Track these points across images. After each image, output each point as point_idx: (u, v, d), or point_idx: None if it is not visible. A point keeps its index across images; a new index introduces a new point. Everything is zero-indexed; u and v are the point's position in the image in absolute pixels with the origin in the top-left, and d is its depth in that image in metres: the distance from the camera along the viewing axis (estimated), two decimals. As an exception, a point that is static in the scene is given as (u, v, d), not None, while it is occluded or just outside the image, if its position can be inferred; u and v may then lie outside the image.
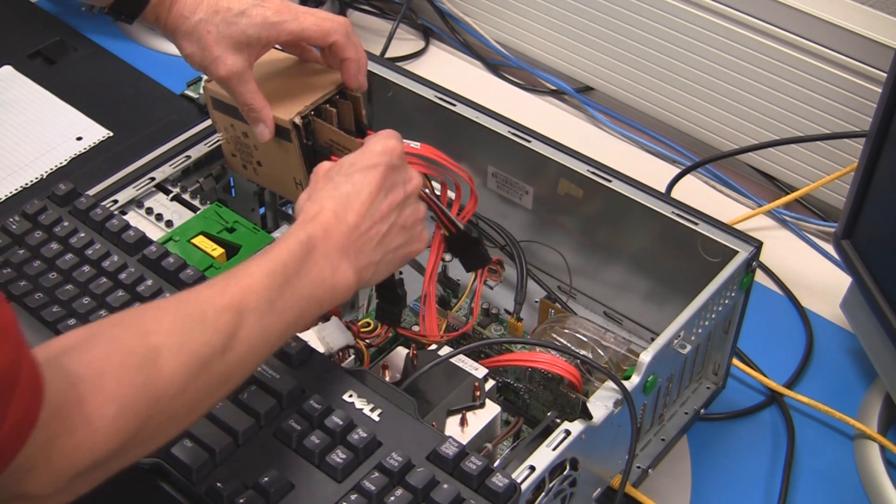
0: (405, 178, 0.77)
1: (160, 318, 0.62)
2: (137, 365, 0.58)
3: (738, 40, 1.18)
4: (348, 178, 0.75)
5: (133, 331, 0.61)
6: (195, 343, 0.62)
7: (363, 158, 0.76)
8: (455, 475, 0.72)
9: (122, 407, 0.57)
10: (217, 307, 0.64)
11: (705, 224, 0.90)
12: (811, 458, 0.99)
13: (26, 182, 1.23)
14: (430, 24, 1.53)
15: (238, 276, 0.67)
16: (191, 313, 0.63)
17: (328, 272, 0.71)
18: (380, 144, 0.77)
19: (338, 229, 0.72)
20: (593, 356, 0.91)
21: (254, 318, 0.65)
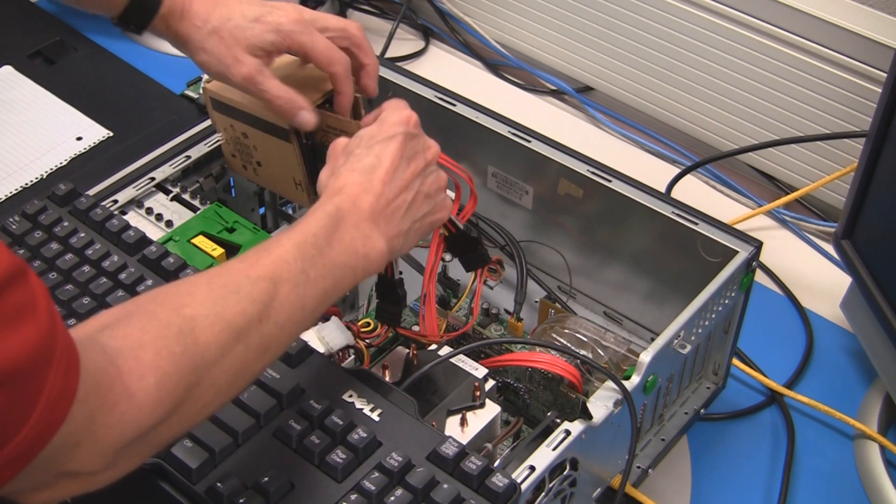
0: (424, 146, 0.78)
1: (194, 292, 0.62)
2: (174, 335, 0.59)
3: (738, 40, 1.18)
4: (369, 150, 0.75)
5: (168, 304, 0.61)
6: (231, 312, 0.62)
7: (381, 130, 0.77)
8: (455, 475, 0.72)
9: (162, 377, 0.57)
10: (251, 277, 0.64)
11: (705, 224, 0.90)
12: (811, 458, 0.99)
13: (26, 182, 1.23)
14: (430, 24, 1.53)
15: (269, 248, 0.67)
16: (225, 284, 0.63)
17: (360, 241, 0.71)
18: (395, 115, 0.78)
19: (365, 199, 0.73)
20: (593, 356, 0.91)
21: (288, 288, 0.65)
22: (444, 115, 1.01)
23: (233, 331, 0.62)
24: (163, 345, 0.58)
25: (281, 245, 0.67)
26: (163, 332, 0.59)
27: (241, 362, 0.63)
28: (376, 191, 0.73)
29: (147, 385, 0.56)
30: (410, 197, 0.76)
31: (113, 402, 0.55)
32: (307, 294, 0.67)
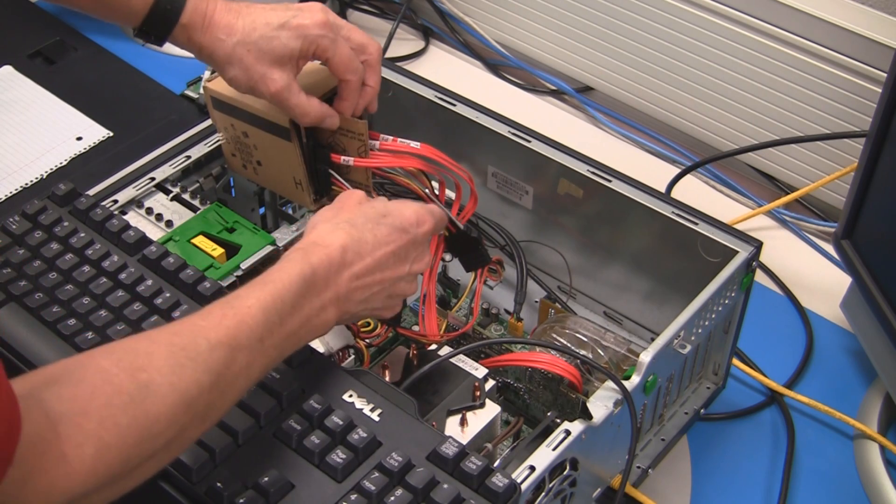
0: (417, 256, 0.78)
1: (153, 353, 0.61)
2: (124, 405, 0.58)
3: (738, 40, 1.18)
4: (375, 228, 0.76)
5: (124, 364, 0.59)
6: (185, 381, 0.61)
7: (398, 217, 0.77)
8: (455, 475, 0.72)
9: (101, 448, 0.56)
10: (211, 341, 0.63)
11: (705, 224, 0.90)
12: (811, 458, 0.99)
13: (26, 182, 1.23)
14: (430, 24, 1.53)
15: (235, 307, 0.66)
16: (184, 347, 0.62)
17: (315, 312, 0.71)
18: (420, 215, 0.78)
19: (338, 271, 0.73)
20: (593, 356, 0.91)
21: (243, 356, 0.65)
22: (444, 115, 1.01)
23: (184, 402, 0.61)
24: (108, 414, 0.57)
25: (248, 307, 0.66)
26: (112, 399, 0.57)
27: (183, 431, 0.62)
28: (353, 270, 0.74)
29: (84, 454, 0.55)
30: (376, 290, 0.76)
31: (46, 467, 0.54)
32: (256, 363, 0.67)
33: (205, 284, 0.84)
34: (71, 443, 0.55)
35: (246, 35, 0.83)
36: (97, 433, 0.56)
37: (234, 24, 0.83)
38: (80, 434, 0.55)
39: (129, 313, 0.83)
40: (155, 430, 0.59)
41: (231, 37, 0.83)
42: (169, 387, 0.60)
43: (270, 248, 0.92)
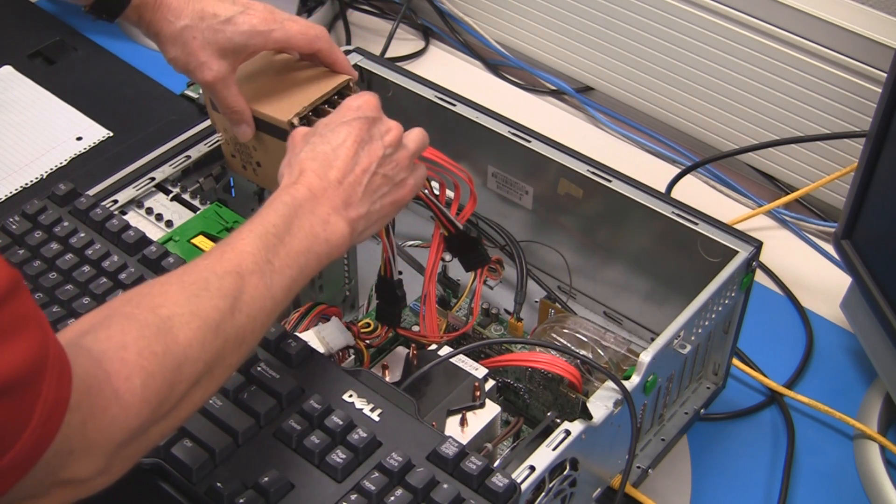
0: (383, 130, 0.78)
1: (166, 291, 0.63)
2: (154, 335, 0.59)
3: (738, 40, 1.18)
4: (324, 138, 0.76)
5: (143, 305, 0.61)
6: (204, 308, 0.63)
7: (338, 116, 0.78)
8: (455, 475, 0.72)
9: (147, 377, 0.58)
10: (217, 273, 0.65)
11: (705, 224, 0.90)
12: (811, 458, 0.99)
13: (26, 182, 1.23)
14: (430, 24, 1.53)
15: (231, 243, 0.68)
16: (194, 281, 0.64)
17: (319, 227, 0.72)
18: (355, 101, 0.78)
19: (321, 186, 0.73)
20: (593, 356, 0.91)
21: (255, 279, 0.66)
22: (444, 115, 1.01)
23: (209, 327, 0.62)
24: (144, 345, 0.58)
25: (242, 238, 0.68)
26: (143, 332, 0.59)
27: (220, 356, 0.63)
28: (330, 178, 0.74)
29: (133, 386, 0.57)
30: (366, 180, 0.75)
31: (103, 405, 0.55)
32: (274, 283, 0.67)
33: (205, 284, 0.84)
34: (119, 377, 0.56)
35: (193, 21, 0.86)
36: (139, 363, 0.58)
37: (183, 8, 0.86)
38: (125, 367, 0.57)
39: (129, 313, 0.83)
40: (191, 354, 0.61)
41: (179, 20, 0.86)
42: (190, 315, 0.62)
43: (270, 248, 0.92)
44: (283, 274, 0.68)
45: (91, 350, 0.57)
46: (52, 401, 0.51)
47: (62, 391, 0.52)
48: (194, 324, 0.61)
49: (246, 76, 0.90)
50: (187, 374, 0.60)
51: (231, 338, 0.64)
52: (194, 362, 0.61)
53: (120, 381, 0.56)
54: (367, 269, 1.04)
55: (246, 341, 0.66)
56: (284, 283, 0.68)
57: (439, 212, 0.85)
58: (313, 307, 0.90)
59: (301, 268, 0.70)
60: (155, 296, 0.63)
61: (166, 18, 0.86)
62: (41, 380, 0.51)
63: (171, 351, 0.60)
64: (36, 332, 0.51)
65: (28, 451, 0.51)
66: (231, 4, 0.87)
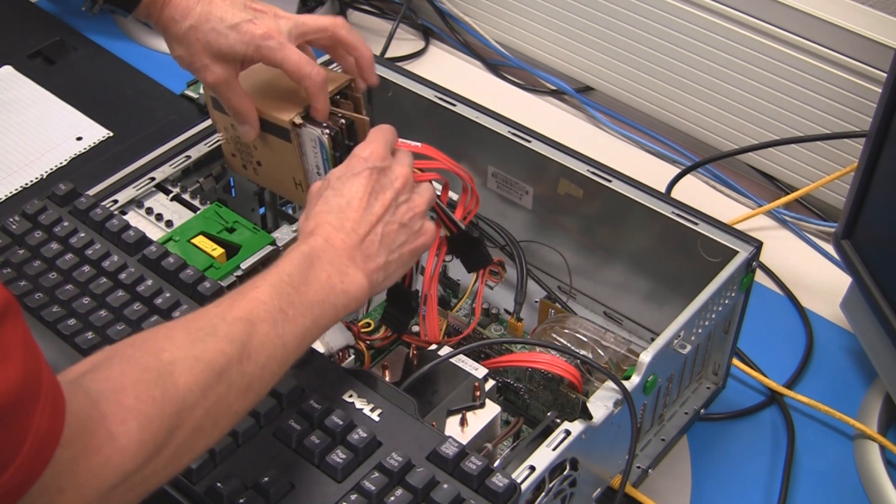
0: (392, 178, 0.78)
1: (171, 336, 0.63)
2: (153, 379, 0.59)
3: (738, 40, 1.18)
4: (337, 192, 0.76)
5: (146, 349, 0.61)
6: (208, 352, 0.62)
7: (347, 168, 0.78)
8: (455, 475, 0.72)
9: (144, 420, 0.57)
10: (227, 319, 0.64)
11: (705, 224, 0.90)
12: (811, 458, 0.99)
13: (26, 182, 1.23)
14: (430, 24, 1.53)
15: (244, 291, 0.68)
16: (202, 327, 0.64)
17: (337, 278, 0.72)
18: (363, 150, 0.78)
19: (338, 237, 0.74)
20: (593, 356, 0.91)
21: (266, 327, 0.65)
22: (444, 115, 1.01)
23: (213, 371, 0.62)
24: (143, 389, 0.58)
25: (256, 287, 0.68)
26: (142, 375, 0.59)
27: (224, 403, 0.63)
28: (347, 228, 0.74)
29: (129, 429, 0.56)
30: (381, 230, 0.76)
31: (96, 446, 0.55)
32: (287, 332, 0.67)
33: (205, 284, 0.84)
34: (115, 419, 0.56)
35: (199, 23, 0.86)
36: (136, 407, 0.57)
37: (192, 9, 0.86)
38: (121, 410, 0.56)
39: (129, 313, 0.83)
40: (190, 399, 0.60)
41: (185, 20, 0.86)
42: (193, 359, 0.61)
43: (270, 248, 0.92)
44: (296, 323, 0.68)
45: (89, 390, 0.56)
46: (44, 433, 0.51)
47: (54, 425, 0.52)
48: (196, 368, 0.61)
49: (247, 75, 0.91)
50: (187, 419, 0.60)
51: (236, 384, 0.63)
52: (194, 407, 0.60)
53: (116, 424, 0.56)
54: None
55: (253, 389, 0.65)
56: (297, 333, 0.68)
57: (442, 212, 0.85)
58: (313, 307, 0.90)
59: (315, 318, 0.69)
60: (159, 340, 0.62)
61: (173, 18, 0.87)
62: (33, 410, 0.50)
63: (170, 395, 0.59)
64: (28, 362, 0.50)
65: (18, 482, 0.50)
66: (241, 10, 0.86)
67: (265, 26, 0.86)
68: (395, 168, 0.79)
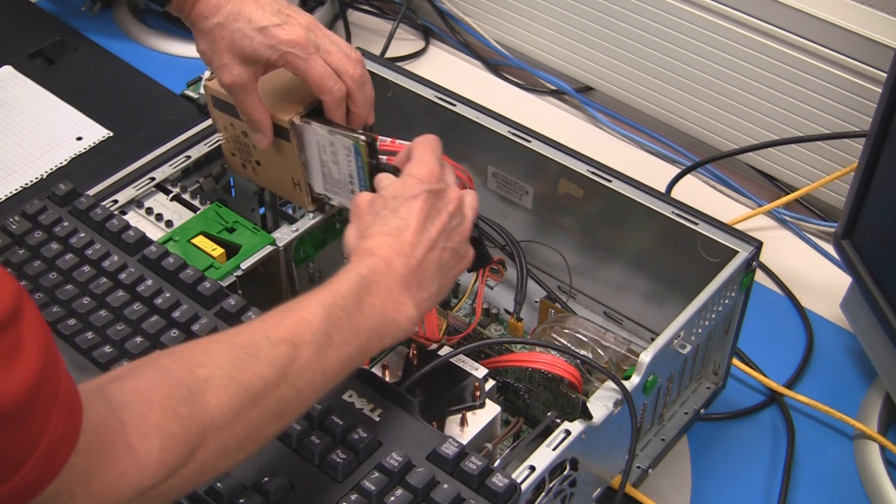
0: (446, 201, 0.76)
1: (211, 351, 0.61)
2: (183, 396, 0.57)
3: (738, 40, 1.18)
4: (395, 213, 0.74)
5: (183, 361, 0.60)
6: (247, 375, 0.61)
7: (405, 189, 0.75)
8: (455, 475, 0.72)
9: (166, 437, 0.56)
10: (272, 339, 0.63)
11: (705, 224, 0.90)
12: (811, 458, 0.99)
13: (26, 182, 1.23)
14: (430, 24, 1.53)
15: (294, 308, 0.66)
16: (244, 344, 0.62)
17: (391, 307, 0.70)
18: (418, 169, 0.76)
19: (398, 261, 0.72)
20: (593, 356, 0.91)
21: (309, 351, 0.64)
22: (444, 115, 1.01)
23: (248, 395, 0.60)
24: (170, 405, 0.57)
25: (307, 306, 0.66)
26: (172, 391, 0.57)
27: (254, 426, 0.61)
28: (407, 252, 0.72)
29: (150, 444, 0.55)
30: (437, 256, 0.74)
31: (113, 457, 0.54)
32: (329, 358, 0.65)
33: (205, 284, 0.84)
34: (137, 433, 0.55)
35: (227, 21, 0.85)
36: (161, 422, 0.56)
37: (222, 6, 0.85)
38: (145, 424, 0.55)
39: (129, 313, 0.83)
40: (219, 421, 0.59)
41: (214, 17, 0.85)
42: (230, 379, 0.60)
43: (270, 248, 0.92)
44: (340, 350, 0.66)
45: (112, 399, 0.55)
46: (59, 437, 0.50)
47: (70, 430, 0.51)
48: (231, 389, 0.59)
49: None
50: (213, 440, 0.58)
51: (270, 409, 0.62)
52: (222, 429, 0.59)
53: (137, 437, 0.55)
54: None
55: (286, 414, 0.64)
56: (340, 360, 0.66)
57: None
58: (313, 307, 0.90)
59: (361, 346, 0.68)
60: (199, 353, 0.61)
61: (202, 14, 0.86)
62: (50, 413, 0.49)
63: (198, 415, 0.58)
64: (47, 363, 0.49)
65: (29, 483, 0.49)
66: (272, 14, 0.84)
67: (293, 33, 0.84)
68: (450, 191, 0.77)
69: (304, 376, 0.64)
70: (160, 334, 0.81)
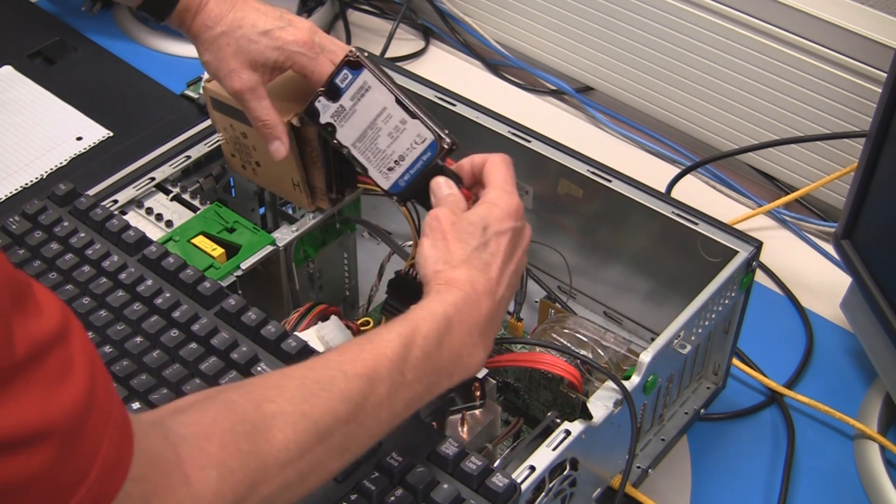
0: (524, 238, 0.76)
1: (283, 385, 0.60)
2: (246, 432, 0.57)
3: (738, 40, 1.18)
4: (485, 247, 0.72)
5: (251, 396, 0.59)
6: (318, 411, 0.60)
7: (496, 221, 0.74)
8: (455, 475, 0.72)
9: (225, 471, 0.55)
10: (348, 373, 0.62)
11: (705, 224, 0.90)
12: (811, 458, 0.99)
13: (26, 182, 1.23)
14: (430, 24, 1.53)
15: (374, 340, 0.65)
16: (318, 380, 0.61)
17: (467, 350, 0.69)
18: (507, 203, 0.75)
19: (485, 301, 0.71)
20: (593, 356, 0.91)
21: (383, 389, 0.63)
22: (444, 115, 1.01)
23: (317, 431, 0.59)
24: (230, 439, 0.56)
25: (386, 341, 0.65)
26: (235, 426, 0.56)
27: (318, 463, 0.60)
28: (492, 291, 0.71)
29: (208, 477, 0.54)
30: (507, 294, 0.73)
31: (170, 487, 0.52)
32: (400, 396, 0.64)
33: (205, 284, 0.84)
34: (194, 465, 0.54)
35: (231, 29, 0.85)
36: (220, 457, 0.55)
37: (224, 15, 0.85)
38: (202, 457, 0.54)
39: (129, 313, 0.83)
40: (282, 457, 0.58)
41: (217, 26, 0.85)
42: (300, 415, 0.59)
43: (270, 248, 0.92)
44: (412, 389, 0.65)
45: (170, 431, 0.54)
46: (113, 458, 0.49)
47: (123, 453, 0.50)
48: (300, 425, 0.58)
49: None
50: (275, 476, 0.57)
51: (336, 445, 0.61)
52: (286, 465, 0.58)
53: (193, 469, 0.54)
54: (367, 269, 1.04)
55: (350, 450, 0.63)
56: (410, 398, 0.66)
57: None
58: (313, 307, 0.90)
59: (431, 385, 0.67)
60: (269, 388, 0.60)
61: (205, 24, 0.85)
62: (102, 434, 0.49)
63: (261, 450, 0.57)
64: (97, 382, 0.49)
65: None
66: (275, 19, 0.85)
67: (298, 35, 0.85)
68: (526, 230, 0.76)
69: (374, 414, 0.63)
70: (160, 334, 0.81)
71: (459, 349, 0.69)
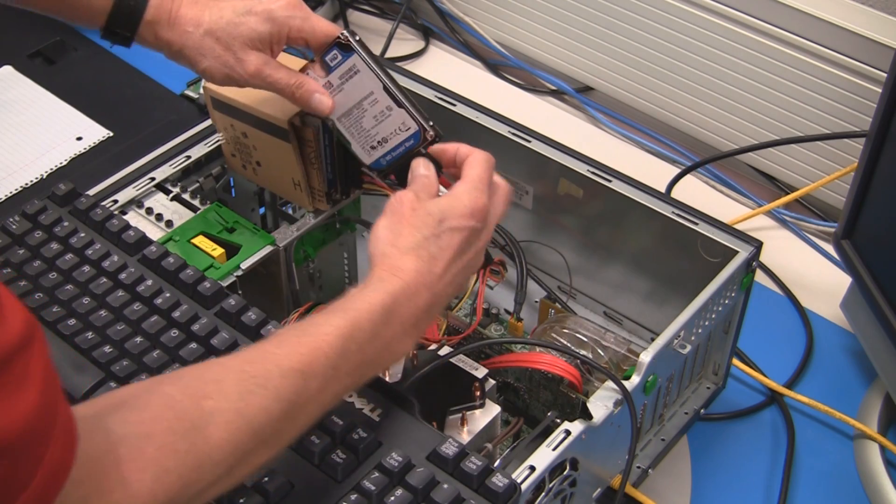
0: (481, 239, 0.75)
1: (222, 380, 0.61)
2: (185, 431, 0.57)
3: (738, 40, 1.18)
4: (437, 238, 0.72)
5: (190, 391, 0.59)
6: (252, 409, 0.60)
7: (455, 216, 0.73)
8: (455, 475, 0.72)
9: (161, 472, 0.55)
10: (283, 368, 0.62)
11: (705, 224, 0.90)
12: (811, 458, 0.99)
13: (26, 182, 1.23)
14: (430, 24, 1.53)
15: (312, 334, 0.65)
16: (255, 375, 0.61)
17: (398, 340, 0.70)
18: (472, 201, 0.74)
19: (423, 294, 0.70)
20: (593, 356, 0.91)
21: (316, 385, 0.64)
22: (444, 115, 1.01)
23: (250, 430, 0.60)
24: (169, 440, 0.56)
25: (325, 334, 0.65)
26: (174, 425, 0.57)
27: (248, 458, 0.61)
28: (432, 284, 0.71)
29: (144, 478, 0.55)
30: (451, 290, 0.73)
31: (108, 488, 0.53)
32: (330, 390, 0.65)
33: (205, 284, 0.84)
34: (132, 467, 0.54)
35: (213, 24, 0.82)
36: (157, 458, 0.55)
37: (200, 17, 0.83)
38: (140, 458, 0.55)
39: (129, 313, 0.83)
40: (216, 456, 0.58)
41: (199, 28, 0.82)
42: (235, 413, 0.59)
43: (270, 248, 0.92)
44: (342, 382, 0.66)
45: (110, 431, 0.55)
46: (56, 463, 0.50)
47: (65, 457, 0.51)
48: (234, 424, 0.59)
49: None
50: (207, 474, 0.58)
51: (265, 440, 0.61)
52: (219, 464, 0.59)
53: (131, 471, 0.54)
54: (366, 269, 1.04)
55: (279, 444, 0.64)
56: (339, 391, 0.67)
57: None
58: (313, 307, 0.90)
59: (361, 377, 0.68)
60: (208, 383, 0.60)
61: (185, 31, 0.83)
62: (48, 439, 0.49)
63: (197, 450, 0.57)
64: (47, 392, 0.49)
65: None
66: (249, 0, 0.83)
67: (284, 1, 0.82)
68: (485, 233, 0.75)
69: (306, 410, 0.64)
70: (160, 334, 0.81)
71: (391, 340, 0.69)
